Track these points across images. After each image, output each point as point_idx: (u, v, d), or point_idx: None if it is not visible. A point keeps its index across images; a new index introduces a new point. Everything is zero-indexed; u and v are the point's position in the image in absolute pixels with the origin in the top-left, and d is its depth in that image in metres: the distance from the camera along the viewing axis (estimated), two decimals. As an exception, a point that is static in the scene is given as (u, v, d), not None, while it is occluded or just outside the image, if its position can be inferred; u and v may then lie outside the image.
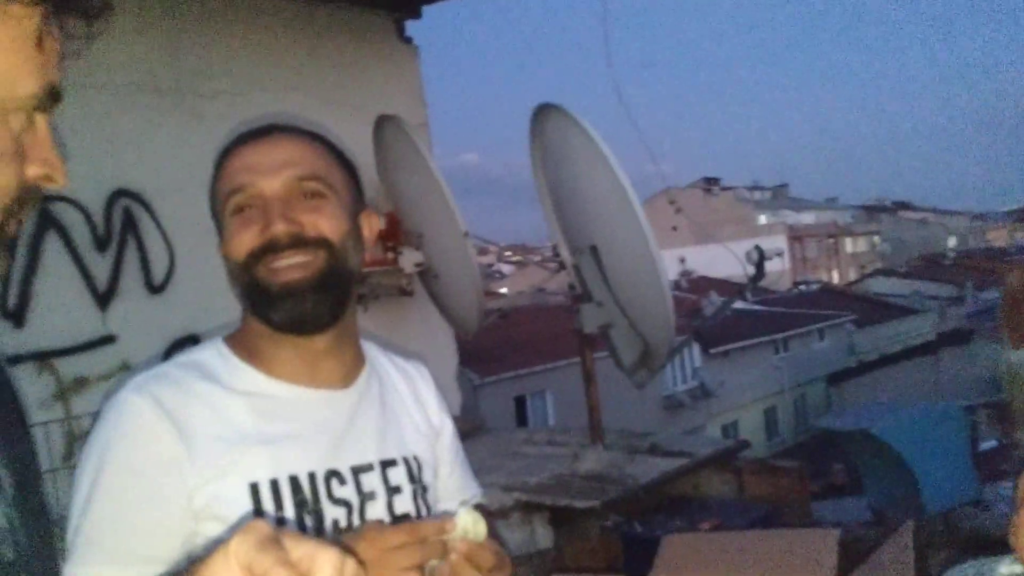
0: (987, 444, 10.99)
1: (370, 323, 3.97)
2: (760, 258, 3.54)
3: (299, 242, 1.12)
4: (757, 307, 29.20)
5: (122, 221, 3.45)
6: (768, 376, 25.64)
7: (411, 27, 4.38)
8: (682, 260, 34.46)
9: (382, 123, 3.82)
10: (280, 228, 1.11)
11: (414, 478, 1.21)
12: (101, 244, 3.39)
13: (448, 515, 1.04)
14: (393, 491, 1.19)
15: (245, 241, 1.11)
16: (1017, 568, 0.97)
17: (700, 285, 30.31)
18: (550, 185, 3.59)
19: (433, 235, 3.72)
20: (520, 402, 16.89)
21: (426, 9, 4.42)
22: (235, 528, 1.05)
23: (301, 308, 1.13)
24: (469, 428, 3.96)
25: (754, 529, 2.01)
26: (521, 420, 16.15)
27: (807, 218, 54.67)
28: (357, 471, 1.16)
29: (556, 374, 16.96)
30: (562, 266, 3.73)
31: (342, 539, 1.03)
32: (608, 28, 3.65)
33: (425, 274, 3.80)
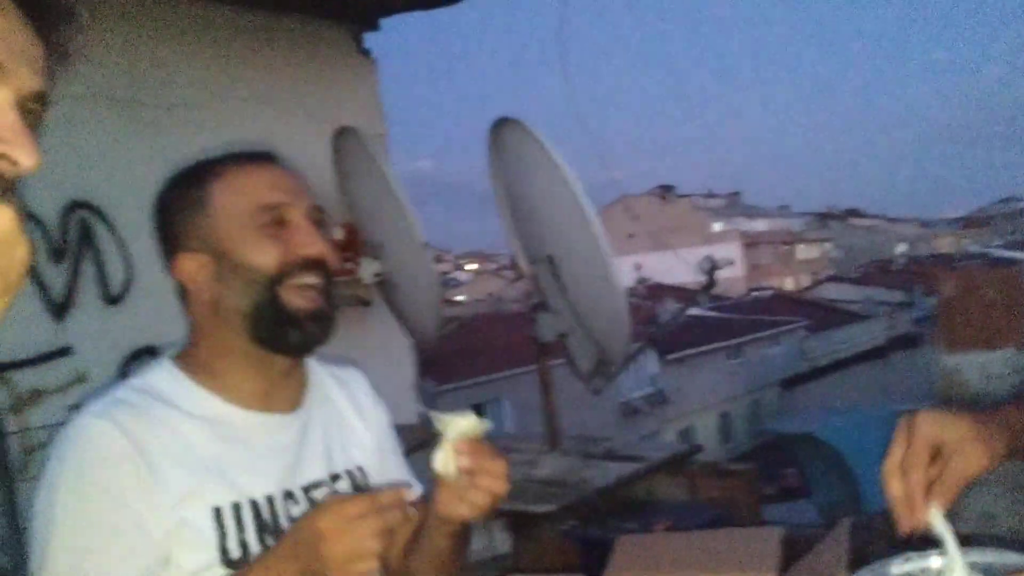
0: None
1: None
2: (712, 268, 3.64)
3: (325, 266, 1.19)
4: (712, 313, 29.58)
5: (78, 232, 3.45)
6: (723, 381, 26.00)
7: (369, 39, 4.43)
8: (638, 267, 34.82)
9: (341, 134, 3.86)
10: (324, 248, 1.17)
11: (359, 487, 1.29)
12: (57, 255, 3.39)
13: (403, 487, 1.12)
14: None
15: (277, 255, 1.16)
16: (908, 567, 1.00)
17: (656, 292, 30.63)
18: (508, 196, 3.65)
19: (392, 245, 3.76)
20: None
21: (384, 21, 4.47)
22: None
23: (318, 333, 1.20)
24: (429, 436, 4.00)
25: (703, 529, 2.09)
26: (478, 428, 16.18)
27: (760, 225, 55.49)
28: (308, 489, 1.24)
29: (513, 381, 17.03)
30: (520, 275, 3.80)
31: (308, 513, 1.09)
32: (564, 45, 3.74)
33: (384, 284, 3.84)
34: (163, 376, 1.20)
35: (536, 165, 3.34)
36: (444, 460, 1.13)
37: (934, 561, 0.98)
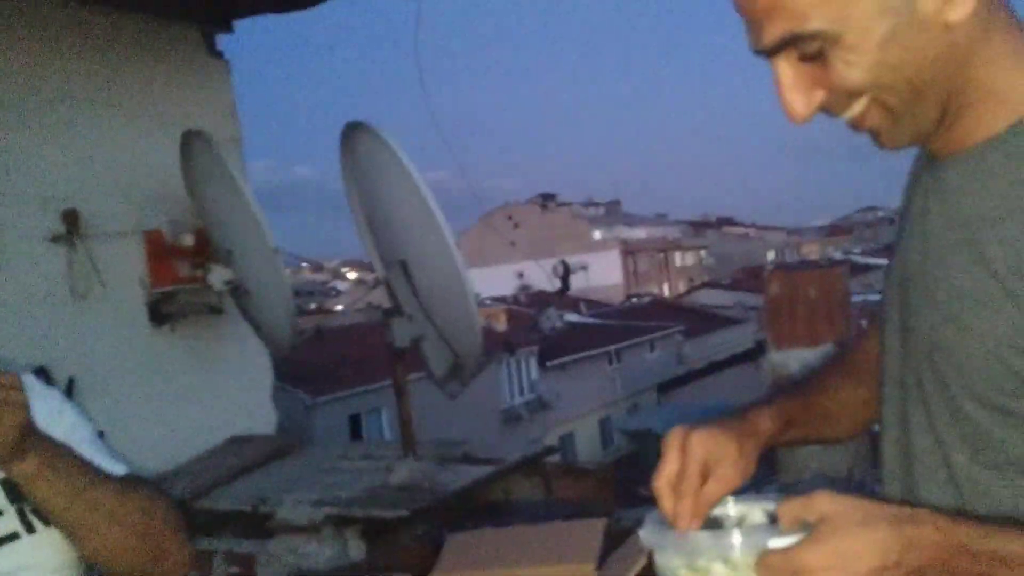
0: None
1: (179, 343, 3.89)
2: (565, 272, 3.70)
3: None
4: (592, 320, 30.13)
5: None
6: (603, 387, 26.47)
7: (222, 41, 4.34)
8: (520, 275, 35.11)
9: (190, 138, 3.75)
10: None
11: (15, 498, 1.23)
12: None
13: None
14: None
15: None
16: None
17: (538, 299, 30.97)
18: (362, 201, 3.63)
19: (244, 251, 3.69)
20: (355, 420, 16.72)
21: (244, 23, 4.38)
22: None
23: None
24: (285, 446, 3.93)
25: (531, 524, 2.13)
26: (357, 438, 16.01)
27: (639, 233, 56.85)
28: None
29: (392, 391, 16.82)
30: (379, 281, 3.78)
31: None
32: (420, 53, 3.75)
33: (236, 291, 3.75)
34: None
35: (388, 170, 3.33)
36: None
37: (731, 508, 1.01)
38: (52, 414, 1.30)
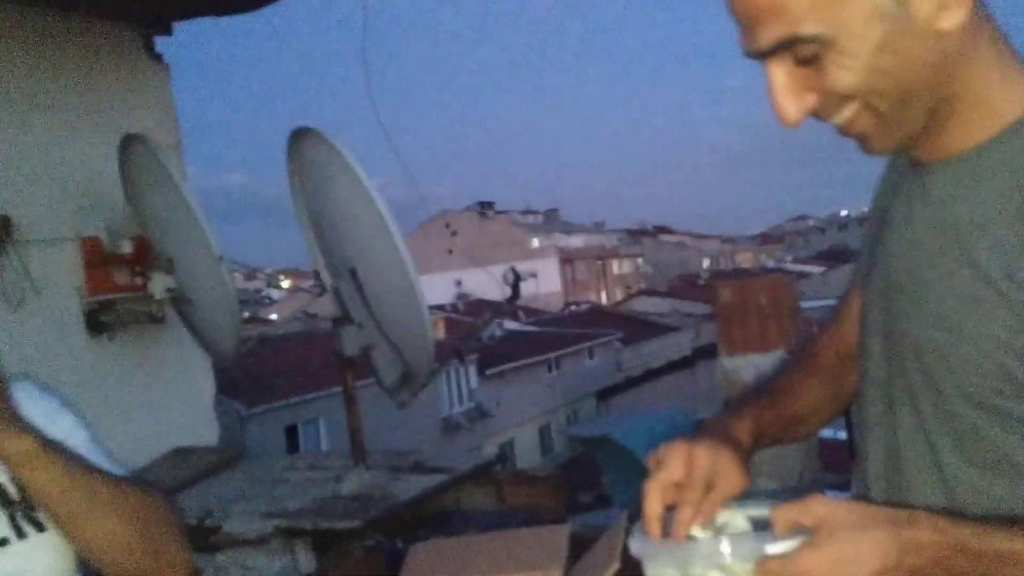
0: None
1: (117, 353, 3.77)
2: (515, 280, 3.70)
3: None
4: (531, 328, 30.20)
5: None
6: (542, 394, 26.53)
7: (161, 43, 4.23)
8: (458, 283, 34.97)
9: (129, 143, 3.65)
10: None
11: (6, 503, 1.22)
12: None
13: None
14: None
15: None
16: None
17: (477, 307, 30.94)
18: (310, 208, 3.58)
19: (186, 259, 3.60)
20: (291, 431, 16.44)
21: (178, 26, 4.28)
22: None
23: None
24: (229, 457, 3.84)
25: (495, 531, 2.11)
26: (293, 449, 15.75)
27: (577, 241, 57.20)
28: None
29: (329, 401, 16.64)
30: (325, 290, 3.72)
31: None
32: (367, 58, 3.71)
33: (178, 300, 3.66)
34: None
35: (337, 176, 3.29)
36: None
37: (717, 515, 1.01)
38: (48, 418, 1.28)
